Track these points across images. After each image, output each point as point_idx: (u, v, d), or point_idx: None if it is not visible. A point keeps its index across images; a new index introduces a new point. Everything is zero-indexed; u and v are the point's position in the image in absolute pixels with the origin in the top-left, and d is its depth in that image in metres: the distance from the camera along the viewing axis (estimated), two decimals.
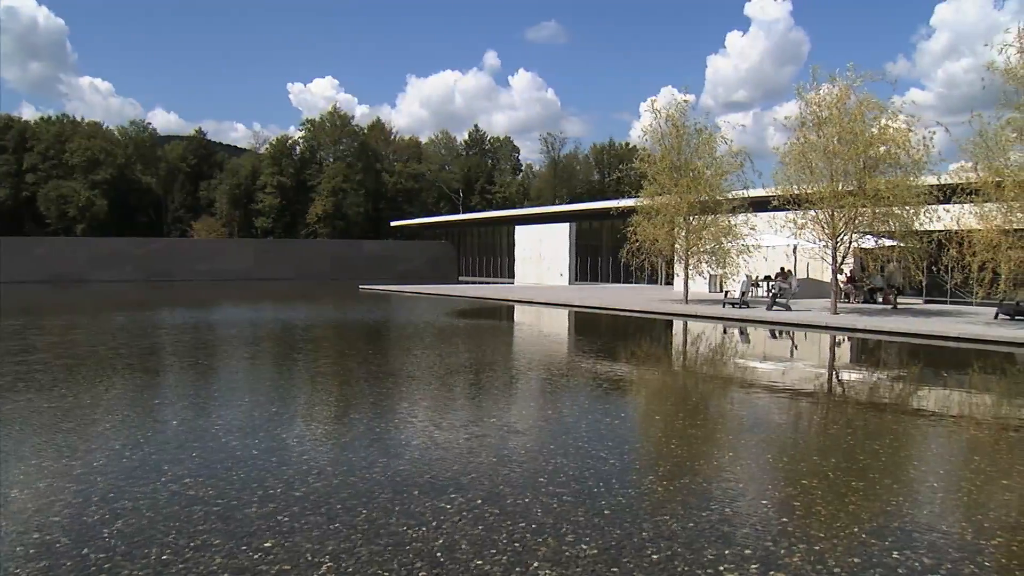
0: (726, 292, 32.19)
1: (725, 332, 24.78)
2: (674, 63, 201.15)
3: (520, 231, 61.39)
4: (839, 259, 26.33)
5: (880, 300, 31.51)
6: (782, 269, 34.46)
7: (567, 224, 56.48)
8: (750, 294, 30.46)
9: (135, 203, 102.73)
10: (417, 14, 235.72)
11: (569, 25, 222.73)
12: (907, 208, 24.80)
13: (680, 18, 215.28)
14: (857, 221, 25.25)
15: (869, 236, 26.96)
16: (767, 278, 34.38)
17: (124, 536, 6.10)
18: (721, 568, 5.53)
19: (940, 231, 25.29)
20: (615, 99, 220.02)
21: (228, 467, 8.11)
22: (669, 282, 44.34)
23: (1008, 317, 23.90)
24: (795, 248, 32.47)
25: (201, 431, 9.96)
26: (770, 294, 29.89)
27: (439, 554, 5.76)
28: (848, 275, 31.87)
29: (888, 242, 26.60)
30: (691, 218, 30.62)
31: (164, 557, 5.68)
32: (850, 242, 26.09)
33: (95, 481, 7.59)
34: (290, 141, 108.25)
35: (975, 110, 22.43)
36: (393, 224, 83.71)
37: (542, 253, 58.18)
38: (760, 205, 30.29)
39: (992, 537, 6.32)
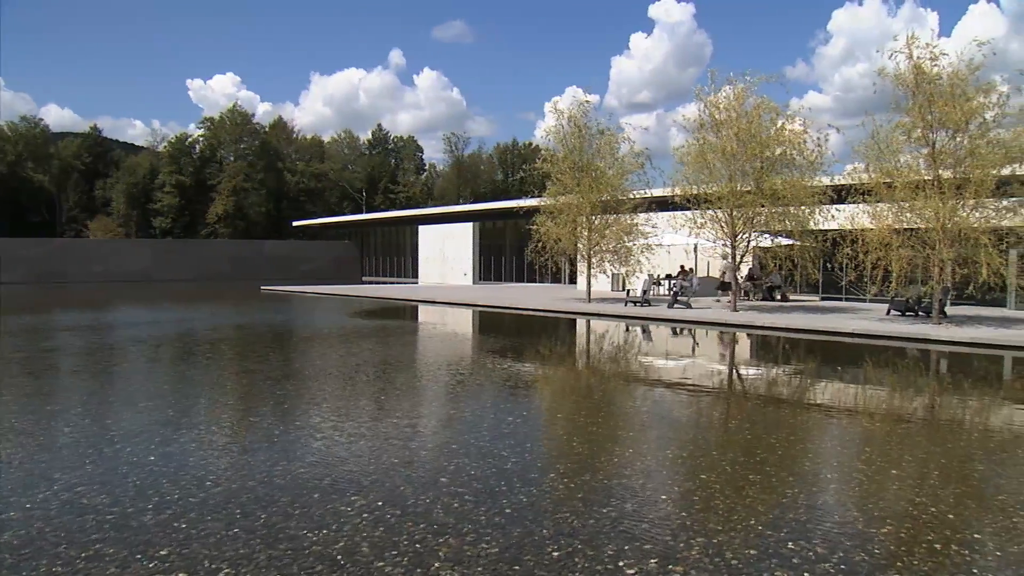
0: (628, 290, 32.59)
1: (627, 330, 25.09)
2: (579, 64, 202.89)
3: (424, 231, 61.28)
4: (738, 258, 26.93)
5: (778, 297, 32.37)
6: (682, 267, 35.09)
7: (471, 224, 56.65)
8: (652, 292, 30.90)
9: (27, 202, 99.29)
10: (322, 11, 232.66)
11: (475, 25, 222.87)
12: (803, 208, 25.52)
13: (585, 19, 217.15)
14: (755, 220, 25.86)
15: (767, 235, 27.63)
16: (668, 276, 34.93)
17: (12, 548, 5.88)
18: (621, 563, 5.60)
19: (835, 230, 26.03)
20: (520, 99, 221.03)
21: (123, 473, 7.88)
22: (573, 281, 44.74)
23: (899, 313, 24.74)
24: (695, 247, 33.11)
25: (95, 437, 9.65)
26: (671, 292, 30.38)
27: (339, 557, 5.71)
28: (747, 273, 32.59)
29: (785, 241, 27.30)
30: (594, 217, 30.94)
31: (55, 569, 5.50)
32: (749, 241, 26.70)
33: None
34: (189, 139, 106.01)
35: (869, 113, 23.15)
36: (295, 224, 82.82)
37: (446, 253, 58.17)
38: (662, 204, 30.80)
39: (882, 525, 6.52)
